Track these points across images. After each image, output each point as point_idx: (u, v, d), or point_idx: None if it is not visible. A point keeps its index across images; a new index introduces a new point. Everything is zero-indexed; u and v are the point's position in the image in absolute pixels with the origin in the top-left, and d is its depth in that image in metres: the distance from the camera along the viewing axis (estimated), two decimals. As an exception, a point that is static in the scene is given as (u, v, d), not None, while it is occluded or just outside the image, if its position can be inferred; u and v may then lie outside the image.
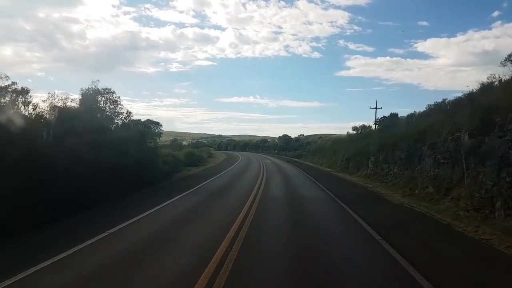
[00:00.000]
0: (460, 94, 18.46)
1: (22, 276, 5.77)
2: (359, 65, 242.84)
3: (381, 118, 37.17)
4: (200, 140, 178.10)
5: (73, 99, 16.07)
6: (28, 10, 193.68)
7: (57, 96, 14.99)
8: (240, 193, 16.17)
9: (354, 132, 39.29)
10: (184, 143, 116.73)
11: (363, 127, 38.27)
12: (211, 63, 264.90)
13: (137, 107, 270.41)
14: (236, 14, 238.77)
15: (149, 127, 25.42)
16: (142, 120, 25.55)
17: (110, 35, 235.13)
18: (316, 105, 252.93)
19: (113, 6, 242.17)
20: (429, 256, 7.52)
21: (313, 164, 42.08)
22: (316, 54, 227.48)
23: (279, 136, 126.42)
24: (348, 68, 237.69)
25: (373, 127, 37.57)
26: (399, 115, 35.98)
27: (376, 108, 40.44)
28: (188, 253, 7.39)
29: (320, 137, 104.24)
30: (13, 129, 10.39)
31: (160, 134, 29.06)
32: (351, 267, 6.72)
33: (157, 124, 26.99)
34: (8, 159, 9.04)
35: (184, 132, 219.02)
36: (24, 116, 12.52)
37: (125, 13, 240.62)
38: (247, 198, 14.27)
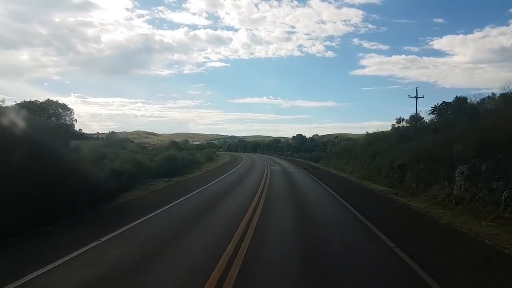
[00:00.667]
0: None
1: None
2: (374, 64, 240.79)
3: (440, 104, 25.33)
4: (211, 141, 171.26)
5: None
6: (44, 15, 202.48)
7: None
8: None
9: (402, 125, 27.47)
10: (195, 143, 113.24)
11: (415, 118, 26.27)
12: (224, 64, 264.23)
13: (152, 109, 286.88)
14: (248, 14, 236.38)
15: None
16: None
17: (124, 38, 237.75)
18: (330, 104, 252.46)
19: (127, 9, 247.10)
20: None
21: (340, 172, 29.75)
22: (330, 53, 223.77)
23: (293, 136, 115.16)
24: (363, 67, 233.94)
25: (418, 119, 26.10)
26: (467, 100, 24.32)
27: (416, 97, 28.73)
28: None
29: (336, 136, 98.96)
30: None
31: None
32: None
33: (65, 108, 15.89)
34: None
35: (197, 134, 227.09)
36: None
37: (139, 16, 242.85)
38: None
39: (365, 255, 7.15)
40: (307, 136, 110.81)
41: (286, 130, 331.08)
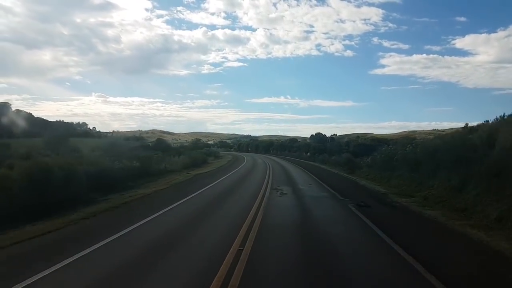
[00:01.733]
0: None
1: None
2: (394, 63, 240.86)
3: None
4: (226, 140, 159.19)
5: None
6: (65, 15, 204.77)
7: None
8: None
9: None
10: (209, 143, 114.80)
11: None
12: (242, 64, 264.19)
13: (170, 108, 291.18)
14: (266, 14, 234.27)
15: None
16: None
17: (144, 39, 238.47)
18: (349, 104, 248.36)
19: (146, 9, 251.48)
20: None
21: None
22: (349, 53, 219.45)
23: (312, 135, 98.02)
24: (383, 66, 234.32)
25: None
26: None
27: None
28: None
29: (358, 136, 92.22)
30: None
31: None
32: None
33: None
34: None
35: (214, 133, 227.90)
36: None
37: (158, 17, 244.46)
38: None
39: None
40: (328, 135, 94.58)
41: (304, 130, 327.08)
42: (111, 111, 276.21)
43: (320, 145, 79.10)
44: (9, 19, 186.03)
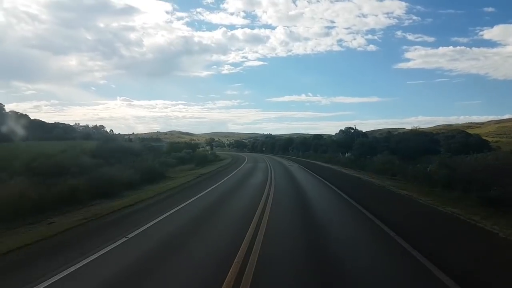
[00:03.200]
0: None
1: None
2: (419, 57, 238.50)
3: None
4: (243, 140, 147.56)
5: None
6: (89, 20, 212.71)
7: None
8: None
9: None
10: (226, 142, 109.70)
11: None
12: (261, 63, 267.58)
13: (192, 110, 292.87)
14: (286, 11, 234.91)
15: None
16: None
17: (165, 41, 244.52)
18: (373, 100, 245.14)
19: (167, 12, 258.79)
20: None
21: None
22: (372, 47, 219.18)
23: (341, 130, 79.09)
24: (407, 60, 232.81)
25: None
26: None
27: None
28: None
29: (389, 131, 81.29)
30: None
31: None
32: None
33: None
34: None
35: (234, 133, 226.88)
36: None
37: (178, 19, 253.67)
38: None
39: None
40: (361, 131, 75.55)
41: (326, 127, 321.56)
42: (135, 114, 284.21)
43: (347, 142, 61.37)
44: (36, 27, 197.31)
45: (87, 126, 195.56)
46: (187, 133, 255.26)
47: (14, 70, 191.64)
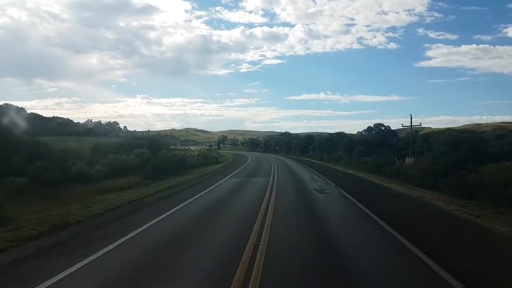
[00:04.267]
0: None
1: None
2: (441, 55, 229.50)
3: None
4: (259, 138, 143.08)
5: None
6: (110, 20, 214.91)
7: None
8: None
9: None
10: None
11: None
12: (280, 61, 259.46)
13: (210, 108, 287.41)
14: (305, 9, 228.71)
15: None
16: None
17: (184, 40, 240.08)
18: (394, 98, 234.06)
19: (186, 11, 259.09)
20: None
21: None
22: (392, 45, 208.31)
23: (369, 127, 65.38)
24: (429, 58, 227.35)
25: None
26: None
27: None
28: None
29: (416, 131, 55.66)
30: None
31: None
32: None
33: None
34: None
35: (252, 131, 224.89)
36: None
37: (197, 17, 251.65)
38: None
39: None
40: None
41: (345, 126, 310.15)
42: (155, 112, 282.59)
43: (382, 141, 48.07)
44: (57, 26, 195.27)
45: (99, 122, 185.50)
46: (203, 131, 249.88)
47: (37, 68, 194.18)
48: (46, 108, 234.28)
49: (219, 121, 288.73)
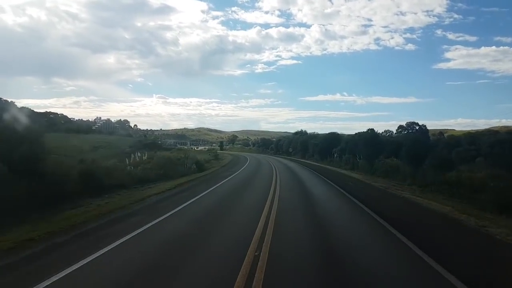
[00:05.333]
0: None
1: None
2: (460, 56, 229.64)
3: None
4: (273, 138, 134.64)
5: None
6: (127, 20, 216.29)
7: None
8: None
9: None
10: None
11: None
12: (295, 61, 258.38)
13: (225, 108, 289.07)
14: (322, 9, 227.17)
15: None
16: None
17: (200, 40, 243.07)
18: (411, 100, 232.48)
19: (202, 11, 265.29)
20: None
21: None
22: (410, 46, 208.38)
23: (401, 126, 51.46)
24: (448, 60, 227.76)
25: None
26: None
27: None
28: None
29: (441, 132, 66.59)
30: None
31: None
32: None
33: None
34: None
35: (267, 131, 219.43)
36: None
37: (214, 18, 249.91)
38: None
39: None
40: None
41: (361, 128, 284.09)
42: (170, 111, 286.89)
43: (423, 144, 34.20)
44: (76, 25, 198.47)
45: (108, 120, 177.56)
46: (216, 130, 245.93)
47: (55, 67, 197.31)
48: (64, 106, 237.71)
49: (234, 122, 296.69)
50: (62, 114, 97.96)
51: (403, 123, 43.12)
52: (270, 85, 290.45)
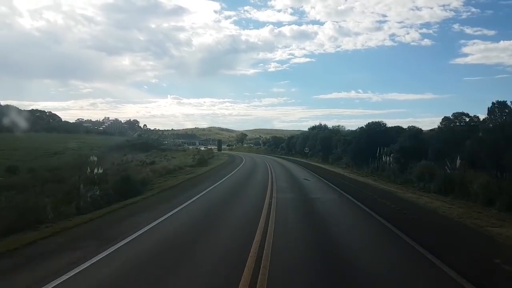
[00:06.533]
0: None
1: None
2: (478, 51, 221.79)
3: None
4: (284, 137, 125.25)
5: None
6: (141, 21, 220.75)
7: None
8: None
9: None
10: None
11: None
12: (309, 59, 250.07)
13: (239, 108, 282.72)
14: (335, 6, 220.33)
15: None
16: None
17: (213, 40, 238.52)
18: (428, 97, 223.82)
19: (215, 11, 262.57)
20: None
21: None
22: (426, 42, 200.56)
23: (446, 118, 35.85)
24: (465, 55, 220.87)
25: None
26: None
27: None
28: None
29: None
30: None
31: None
32: None
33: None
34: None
35: (280, 130, 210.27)
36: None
37: (226, 18, 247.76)
38: None
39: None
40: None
41: None
42: (185, 112, 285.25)
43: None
44: (91, 28, 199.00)
45: (115, 120, 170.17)
46: (227, 129, 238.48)
47: (72, 69, 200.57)
48: (81, 108, 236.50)
49: (247, 121, 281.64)
50: (50, 112, 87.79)
51: (449, 115, 28.37)
52: (283, 83, 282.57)
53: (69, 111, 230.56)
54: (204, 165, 29.67)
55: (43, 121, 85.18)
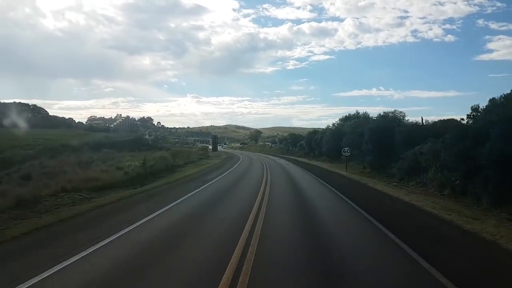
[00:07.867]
0: None
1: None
2: (503, 47, 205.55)
3: None
4: (302, 134, 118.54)
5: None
6: (161, 21, 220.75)
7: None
8: None
9: None
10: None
11: None
12: (328, 57, 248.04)
13: (257, 106, 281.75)
14: (355, 2, 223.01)
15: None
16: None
17: (232, 39, 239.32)
18: (452, 94, 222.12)
19: (234, 9, 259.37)
20: None
21: None
22: (450, 38, 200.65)
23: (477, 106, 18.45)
24: (490, 51, 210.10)
25: None
26: None
27: None
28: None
29: None
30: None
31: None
32: None
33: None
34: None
35: (299, 128, 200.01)
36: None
37: (245, 16, 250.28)
38: None
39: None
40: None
41: None
42: (204, 110, 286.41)
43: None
44: (112, 28, 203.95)
45: (127, 117, 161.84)
46: (243, 127, 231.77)
47: (94, 69, 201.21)
48: (103, 107, 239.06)
49: (266, 119, 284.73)
50: (35, 105, 77.05)
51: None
52: (302, 81, 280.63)
53: (91, 110, 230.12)
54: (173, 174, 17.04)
55: (26, 114, 74.89)
